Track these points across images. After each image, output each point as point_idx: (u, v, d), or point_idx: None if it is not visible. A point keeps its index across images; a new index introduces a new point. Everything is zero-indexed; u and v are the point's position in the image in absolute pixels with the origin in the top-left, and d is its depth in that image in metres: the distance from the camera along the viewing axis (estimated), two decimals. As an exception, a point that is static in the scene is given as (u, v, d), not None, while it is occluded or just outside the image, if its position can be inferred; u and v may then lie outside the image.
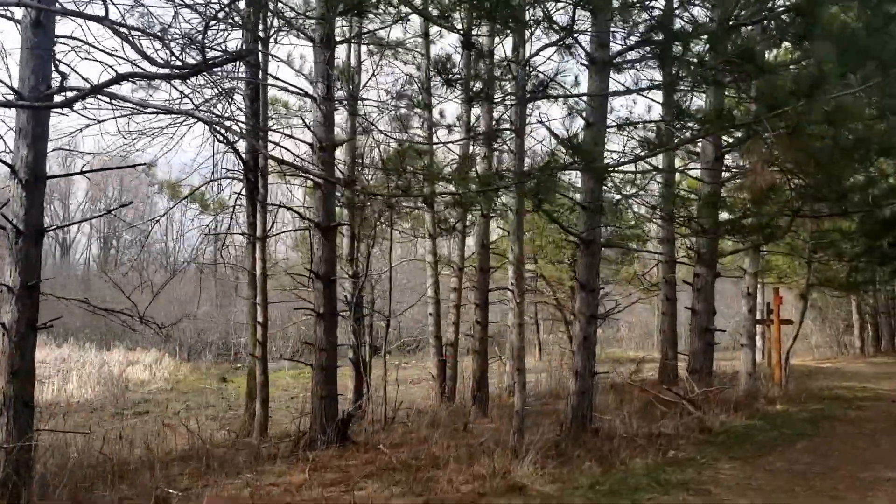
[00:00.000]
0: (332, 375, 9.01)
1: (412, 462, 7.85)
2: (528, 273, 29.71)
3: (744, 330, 13.01)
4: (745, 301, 13.01)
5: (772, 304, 14.13)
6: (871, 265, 13.91)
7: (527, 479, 6.62)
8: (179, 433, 11.19)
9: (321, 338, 8.93)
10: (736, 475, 6.91)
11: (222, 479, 7.59)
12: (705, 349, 11.41)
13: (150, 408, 20.06)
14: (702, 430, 9.02)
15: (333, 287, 9.03)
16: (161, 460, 8.76)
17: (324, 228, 8.92)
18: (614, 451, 7.71)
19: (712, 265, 11.33)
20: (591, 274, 8.74)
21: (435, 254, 13.84)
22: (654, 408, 10.33)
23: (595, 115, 8.55)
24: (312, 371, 9.05)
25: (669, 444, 8.19)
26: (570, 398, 8.74)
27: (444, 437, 9.48)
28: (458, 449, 8.32)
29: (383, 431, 10.38)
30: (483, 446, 8.25)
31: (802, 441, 8.68)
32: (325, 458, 8.35)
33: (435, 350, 13.84)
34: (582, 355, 8.70)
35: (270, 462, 8.34)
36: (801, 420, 10.02)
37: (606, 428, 8.79)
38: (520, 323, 7.74)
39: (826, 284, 14.65)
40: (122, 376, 25.81)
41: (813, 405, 11.40)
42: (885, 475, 7.02)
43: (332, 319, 9.03)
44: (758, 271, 13.10)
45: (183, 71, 4.24)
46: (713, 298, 11.44)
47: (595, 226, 8.60)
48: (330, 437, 8.85)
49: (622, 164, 7.98)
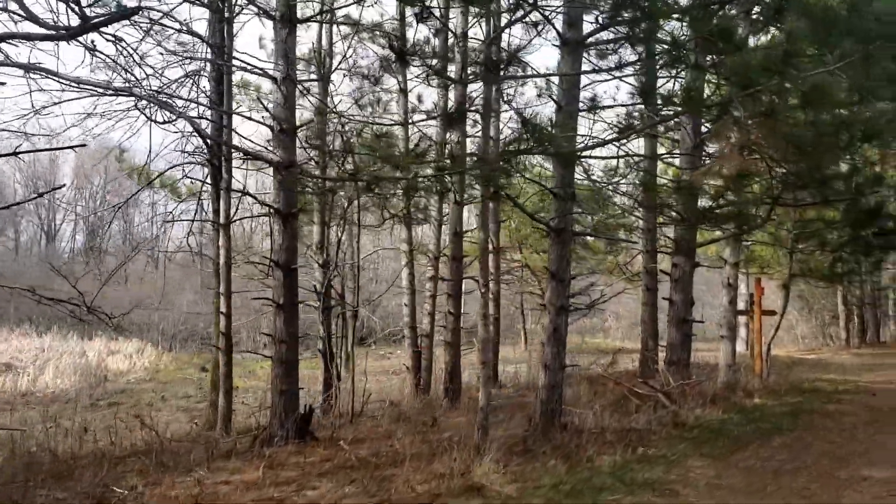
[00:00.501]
0: (292, 369, 8.66)
1: (372, 459, 7.53)
2: (515, 263, 29.53)
3: (724, 321, 12.73)
4: (725, 292, 12.73)
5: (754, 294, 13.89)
6: (855, 255, 13.64)
7: (486, 478, 6.31)
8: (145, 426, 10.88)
9: (281, 329, 8.57)
10: (706, 473, 6.62)
11: (173, 477, 7.25)
12: (683, 341, 11.12)
13: (125, 398, 19.77)
14: (675, 424, 8.73)
15: (294, 276, 8.66)
16: (116, 456, 8.45)
17: (284, 215, 8.55)
18: (582, 447, 7.41)
19: (690, 255, 11.03)
20: (561, 263, 8.41)
21: (410, 242, 13.49)
22: (630, 401, 10.04)
23: (566, 98, 8.19)
24: (272, 364, 8.70)
25: (640, 440, 7.90)
26: (540, 392, 8.43)
27: (410, 432, 9.18)
28: (421, 445, 8.03)
29: (350, 426, 10.06)
30: (448, 442, 7.94)
31: (779, 436, 8.40)
32: (282, 454, 8.02)
33: (410, 341, 13.52)
34: (552, 347, 8.39)
35: (227, 458, 8.00)
36: (778, 414, 9.75)
37: (577, 423, 8.49)
38: (485, 314, 7.41)
39: (809, 275, 14.39)
40: (100, 366, 25.47)
41: (792, 398, 11.14)
42: (861, 473, 6.75)
43: (293, 310, 8.67)
44: (739, 261, 12.82)
45: (64, 31, 3.85)
46: (691, 289, 11.15)
47: (566, 213, 8.26)
48: (290, 432, 8.51)
49: (590, 149, 7.62)
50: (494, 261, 15.24)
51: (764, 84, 5.03)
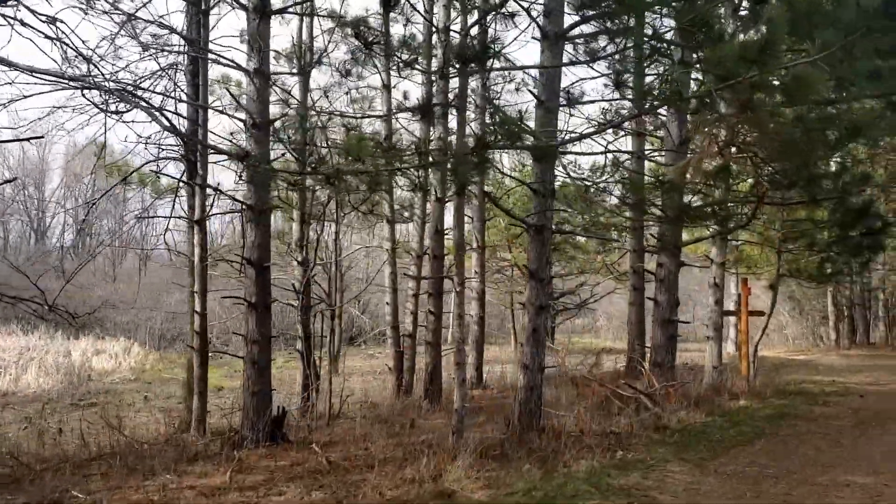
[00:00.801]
0: (264, 370, 8.44)
1: (343, 463, 7.32)
2: (505, 262, 29.38)
3: (710, 322, 12.55)
4: (711, 292, 12.54)
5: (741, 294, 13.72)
6: (844, 256, 13.45)
7: (458, 484, 6.10)
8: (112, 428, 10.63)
9: (252, 329, 8.35)
10: (684, 479, 6.43)
11: (138, 481, 7.02)
12: (668, 342, 10.94)
13: (108, 398, 19.47)
14: (657, 428, 8.54)
15: (266, 274, 8.44)
16: (85, 458, 8.22)
17: (256, 211, 8.33)
18: (560, 451, 7.21)
19: (676, 254, 10.85)
20: (541, 262, 8.21)
21: (392, 240, 13.26)
22: (613, 403, 9.85)
23: (546, 93, 7.98)
24: (244, 365, 8.47)
25: (620, 444, 7.70)
26: (518, 394, 8.24)
27: (387, 434, 8.97)
28: (396, 449, 7.82)
29: (328, 427, 9.85)
30: (423, 446, 7.73)
31: (761, 441, 8.22)
32: (253, 457, 7.80)
33: (392, 341, 13.31)
34: (531, 348, 8.19)
35: (195, 461, 7.78)
36: (763, 417, 9.58)
37: (556, 426, 8.29)
38: (460, 314, 7.19)
39: (797, 275, 14.21)
40: (84, 366, 25.17)
41: (778, 401, 10.97)
42: (843, 479, 6.57)
43: (265, 309, 8.45)
44: (725, 261, 12.63)
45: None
46: (676, 288, 10.97)
47: (545, 210, 8.06)
48: (262, 434, 8.30)
49: (566, 144, 7.40)
50: (480, 259, 15.01)
51: (742, 75, 4.83)
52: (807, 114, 7.96)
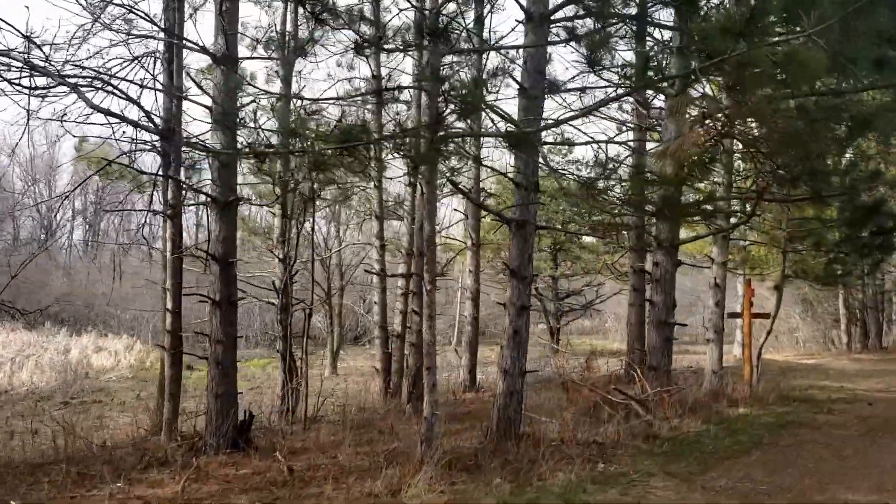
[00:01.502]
0: (229, 371, 7.99)
1: (306, 473, 6.85)
2: (500, 261, 28.78)
3: (710, 324, 12.00)
4: (712, 293, 12.00)
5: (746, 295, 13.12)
6: (852, 256, 12.86)
7: (417, 500, 5.60)
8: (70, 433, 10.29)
9: (217, 328, 7.90)
10: (667, 496, 5.89)
11: (83, 490, 6.59)
12: (664, 344, 10.38)
13: (102, 396, 19.14)
14: (646, 437, 8.00)
15: (232, 270, 7.98)
16: (42, 463, 7.81)
17: (221, 203, 7.88)
18: (538, 462, 6.69)
19: (672, 253, 10.29)
20: (523, 259, 7.70)
21: (381, 237, 12.79)
22: (603, 410, 9.31)
23: (530, 80, 7.48)
24: (208, 366, 8.01)
25: (603, 455, 7.18)
26: (497, 400, 7.73)
27: (363, 441, 8.50)
28: (365, 458, 7.33)
29: (304, 432, 9.38)
30: (394, 454, 7.25)
31: (758, 452, 7.66)
32: (213, 465, 7.34)
33: (381, 341, 12.84)
34: (511, 351, 7.68)
35: (151, 469, 7.33)
36: (762, 426, 9.01)
37: (538, 433, 7.77)
38: (431, 314, 6.69)
39: (803, 276, 13.62)
40: (82, 363, 24.89)
41: (780, 408, 10.39)
42: (843, 497, 6.01)
43: (231, 307, 8.00)
44: (727, 260, 12.07)
45: None
46: (673, 289, 10.40)
47: (528, 204, 7.55)
48: (226, 440, 7.84)
49: (542, 130, 6.85)
50: (474, 258, 14.53)
51: (728, 51, 4.31)
52: (810, 104, 7.40)
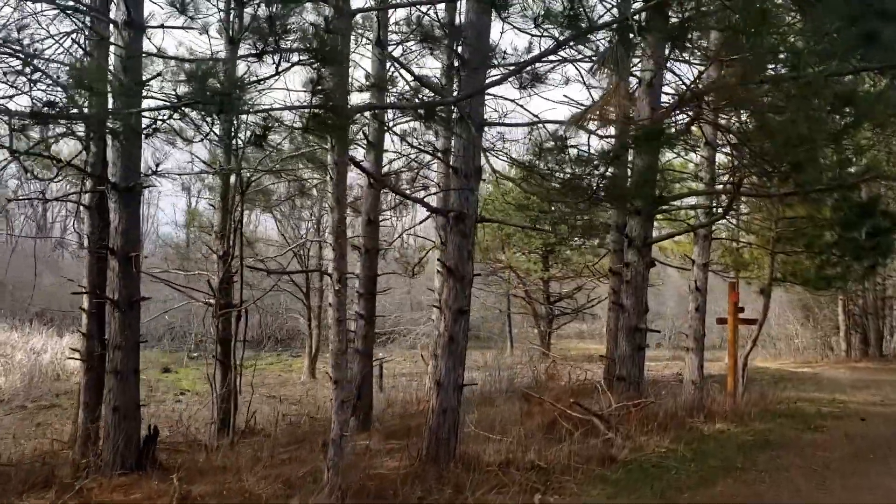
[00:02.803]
0: (130, 380, 7.06)
1: (202, 500, 5.93)
2: (499, 263, 27.87)
3: (690, 330, 11.05)
4: (692, 297, 11.07)
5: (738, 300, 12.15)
6: (846, 259, 11.87)
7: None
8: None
9: (115, 333, 6.98)
10: (606, 539, 4.96)
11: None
12: (634, 353, 9.44)
13: (63, 401, 18.26)
14: (603, 459, 7.03)
15: (133, 266, 7.06)
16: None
17: (121, 189, 6.96)
18: (465, 492, 5.76)
19: (645, 252, 9.35)
20: (461, 256, 6.77)
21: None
22: (562, 426, 8.37)
23: (470, 51, 6.55)
24: (106, 375, 7.09)
25: (547, 482, 6.24)
26: (429, 418, 6.78)
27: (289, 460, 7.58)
28: (273, 483, 6.39)
29: (231, 449, 8.43)
30: (305, 478, 6.33)
31: (728, 479, 6.70)
32: (106, 488, 6.44)
33: (336, 346, 11.87)
34: (446, 361, 6.75)
35: (31, 492, 6.42)
36: (738, 446, 8.04)
37: (479, 455, 6.83)
38: (339, 318, 5.76)
39: (792, 280, 12.66)
40: (55, 365, 23.99)
41: (762, 424, 9.42)
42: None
43: (133, 309, 7.08)
44: (708, 262, 11.12)
45: None
46: (645, 292, 9.46)
47: (464, 189, 6.61)
48: (126, 460, 6.92)
49: (464, 98, 5.83)
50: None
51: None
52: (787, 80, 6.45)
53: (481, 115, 6.69)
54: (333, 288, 5.63)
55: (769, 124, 6.84)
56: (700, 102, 6.48)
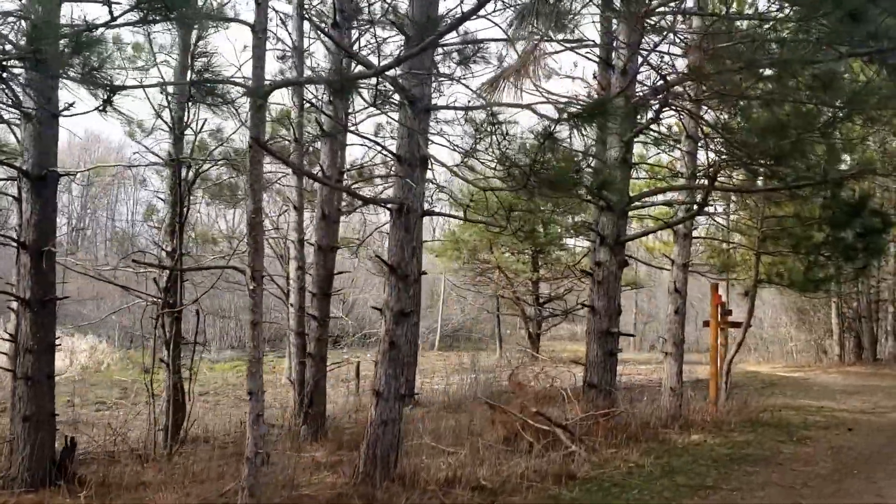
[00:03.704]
0: (42, 387, 6.45)
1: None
2: (487, 263, 27.26)
3: (669, 334, 10.45)
4: (671, 299, 10.46)
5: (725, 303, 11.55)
6: (835, 260, 11.28)
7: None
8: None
9: (27, 334, 6.38)
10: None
11: None
12: (606, 358, 8.85)
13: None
14: (560, 476, 6.43)
15: (46, 262, 6.45)
16: None
17: (33, 178, 6.35)
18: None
19: (618, 250, 8.75)
20: (403, 253, 6.15)
21: (299, 229, 11.23)
22: (523, 438, 7.76)
23: (415, 27, 5.93)
24: (13, 381, 6.49)
25: (494, 502, 5.63)
26: (367, 431, 6.17)
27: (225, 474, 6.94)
28: (195, 499, 5.79)
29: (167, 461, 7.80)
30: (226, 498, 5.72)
31: (694, 498, 6.10)
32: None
33: (297, 349, 11.26)
34: (386, 368, 6.14)
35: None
36: (712, 461, 7.43)
37: (423, 472, 6.22)
38: (255, 321, 5.14)
39: (778, 282, 12.06)
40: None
41: (742, 435, 8.82)
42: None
43: (45, 308, 6.48)
44: (688, 262, 10.51)
45: None
46: (618, 293, 8.87)
47: (411, 183, 6.01)
48: (38, 474, 6.31)
49: (387, 70, 5.14)
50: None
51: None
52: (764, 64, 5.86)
53: (427, 97, 6.09)
54: (248, 287, 5.01)
55: (747, 111, 6.22)
56: (670, 87, 5.88)
